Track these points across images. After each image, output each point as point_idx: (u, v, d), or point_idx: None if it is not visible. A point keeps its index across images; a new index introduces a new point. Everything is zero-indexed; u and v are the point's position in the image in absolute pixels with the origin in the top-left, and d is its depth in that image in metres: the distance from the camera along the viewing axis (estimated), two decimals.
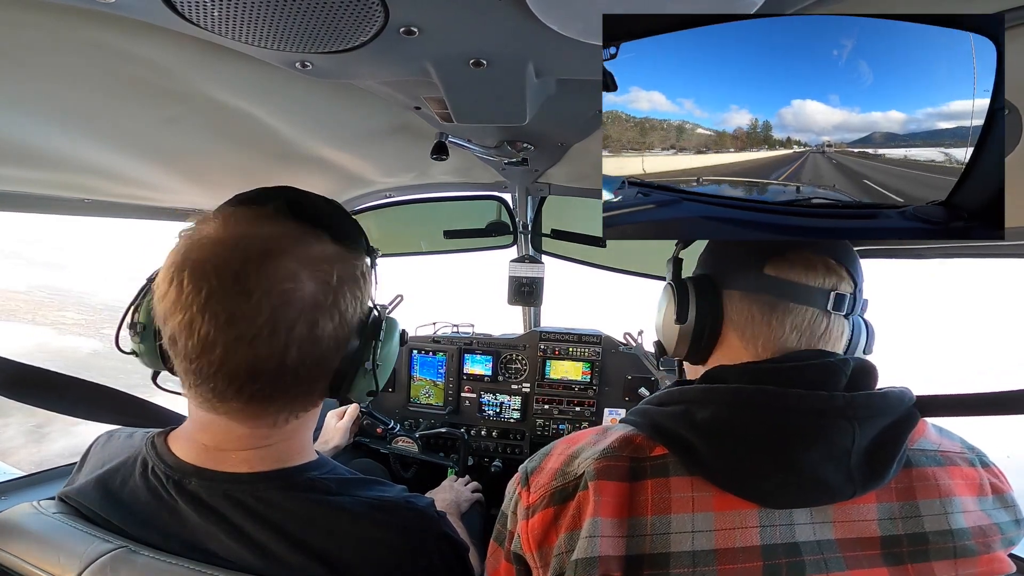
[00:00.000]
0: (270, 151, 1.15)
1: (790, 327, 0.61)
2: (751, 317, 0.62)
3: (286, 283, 0.54)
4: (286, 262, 0.55)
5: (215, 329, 0.53)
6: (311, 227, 0.59)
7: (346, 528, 0.61)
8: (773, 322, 0.61)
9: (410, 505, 0.67)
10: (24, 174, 1.01)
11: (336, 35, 0.59)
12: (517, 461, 1.91)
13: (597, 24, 0.48)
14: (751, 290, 0.62)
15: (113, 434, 0.73)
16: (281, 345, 0.54)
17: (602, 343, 1.89)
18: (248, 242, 0.55)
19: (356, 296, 0.62)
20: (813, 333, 0.61)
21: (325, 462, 0.69)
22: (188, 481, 0.61)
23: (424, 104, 0.90)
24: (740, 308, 0.64)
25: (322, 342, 0.58)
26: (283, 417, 0.62)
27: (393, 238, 2.02)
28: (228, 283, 0.52)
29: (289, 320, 0.54)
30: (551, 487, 0.58)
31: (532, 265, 1.82)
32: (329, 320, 0.58)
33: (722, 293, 0.66)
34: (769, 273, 0.61)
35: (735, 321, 0.64)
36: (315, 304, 0.56)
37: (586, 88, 0.82)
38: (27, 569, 0.59)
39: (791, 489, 0.54)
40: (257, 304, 0.53)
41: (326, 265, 0.58)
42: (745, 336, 0.63)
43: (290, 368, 0.56)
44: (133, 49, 0.69)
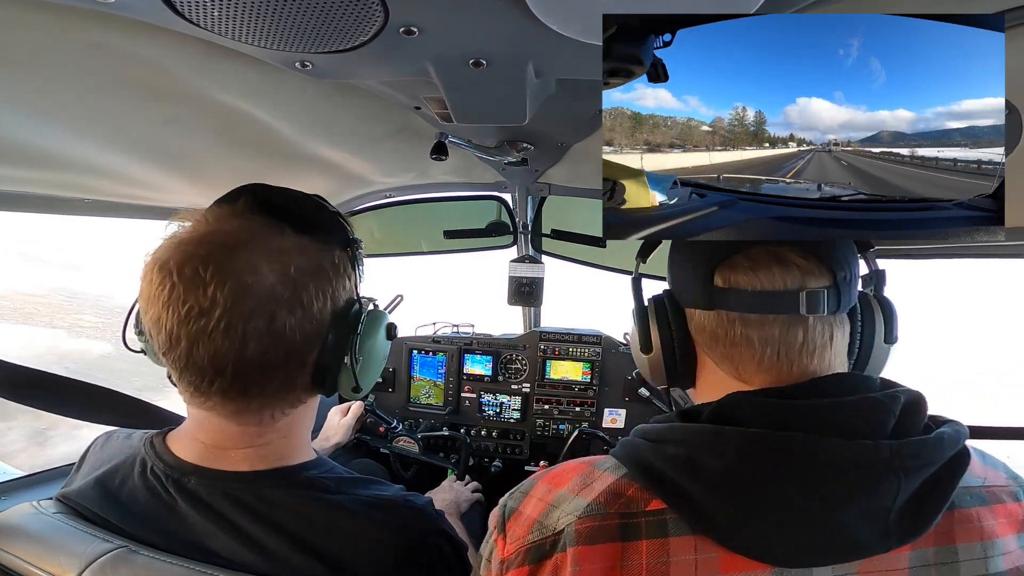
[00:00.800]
0: (270, 151, 1.15)
1: (760, 343, 0.52)
2: (715, 338, 0.55)
3: (243, 276, 0.54)
4: (245, 255, 0.55)
5: (177, 324, 0.54)
6: (277, 220, 0.59)
7: (345, 527, 0.61)
8: (739, 341, 0.53)
9: (408, 503, 0.67)
10: (24, 174, 1.01)
11: (336, 35, 0.59)
12: (517, 461, 1.92)
13: (597, 24, 0.48)
14: (705, 307, 0.55)
15: (111, 435, 0.73)
16: (238, 338, 0.54)
17: (602, 343, 1.89)
18: (211, 238, 0.55)
19: (324, 289, 0.60)
20: (790, 346, 0.52)
21: (324, 461, 0.69)
22: (187, 480, 0.61)
23: (424, 104, 0.90)
24: (702, 328, 0.56)
25: (282, 335, 0.56)
26: (268, 413, 0.61)
27: (393, 238, 2.02)
28: (188, 278, 0.53)
29: (244, 313, 0.54)
30: (527, 542, 0.51)
31: (532, 265, 1.82)
32: (289, 313, 0.56)
33: (684, 312, 0.58)
34: (718, 284, 0.54)
35: (704, 343, 0.57)
36: (272, 297, 0.55)
37: (586, 88, 0.82)
38: (27, 569, 0.59)
39: (815, 549, 0.46)
40: (213, 298, 0.53)
41: (285, 257, 0.57)
42: (721, 359, 0.56)
43: (252, 361, 0.55)
44: (133, 49, 0.69)
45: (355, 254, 0.66)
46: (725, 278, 0.53)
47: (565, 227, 1.79)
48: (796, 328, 0.52)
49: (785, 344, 0.52)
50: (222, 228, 0.56)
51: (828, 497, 0.45)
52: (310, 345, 0.60)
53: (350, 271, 0.65)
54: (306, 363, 0.61)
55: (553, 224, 1.83)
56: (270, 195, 0.61)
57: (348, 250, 0.65)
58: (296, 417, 0.66)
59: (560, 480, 0.54)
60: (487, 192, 1.77)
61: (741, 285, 0.53)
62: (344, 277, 0.64)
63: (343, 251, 0.64)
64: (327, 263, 0.61)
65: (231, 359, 0.54)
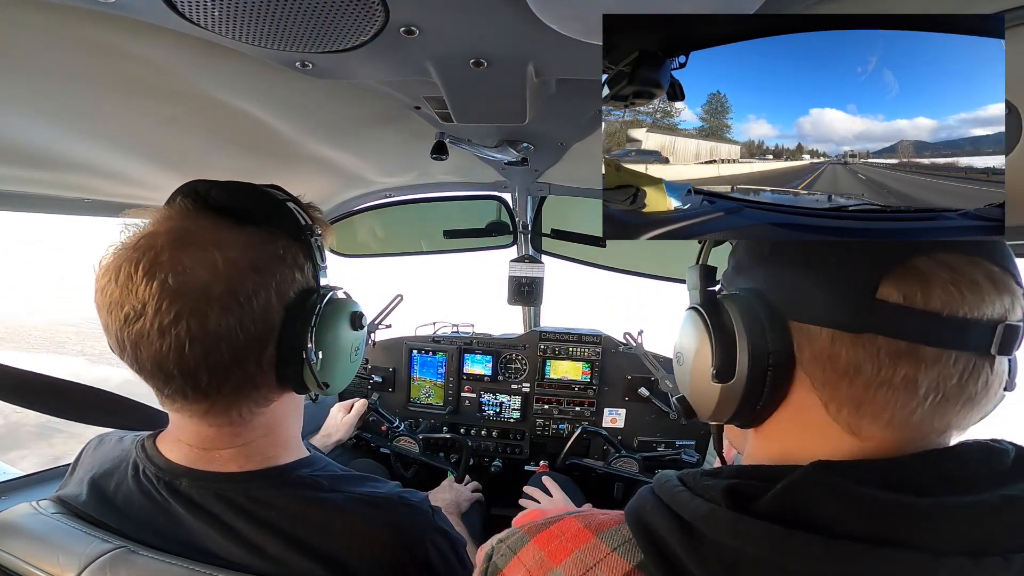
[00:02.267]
0: (270, 151, 1.15)
1: (926, 390, 0.37)
2: (849, 373, 0.39)
3: (171, 276, 0.52)
4: (174, 255, 0.53)
5: (119, 328, 0.54)
6: (215, 216, 0.57)
7: (339, 524, 0.60)
8: (895, 384, 0.37)
9: (403, 500, 0.66)
10: (24, 174, 1.01)
11: (336, 35, 0.59)
12: (517, 461, 1.92)
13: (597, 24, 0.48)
14: (849, 327, 0.38)
15: (104, 437, 0.73)
16: (174, 340, 0.53)
17: (602, 343, 1.89)
18: (146, 240, 0.54)
19: (267, 282, 0.57)
20: (957, 397, 0.37)
21: (318, 459, 0.69)
22: (179, 482, 0.61)
23: (424, 104, 0.90)
24: (826, 357, 0.39)
25: (222, 335, 0.54)
26: (236, 412, 0.60)
27: (393, 238, 2.02)
28: (122, 282, 0.53)
29: (175, 314, 0.52)
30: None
31: (532, 265, 1.82)
32: (224, 312, 0.54)
33: (790, 328, 0.41)
34: (887, 299, 0.37)
35: (817, 376, 0.40)
36: (204, 296, 0.53)
37: (586, 88, 0.82)
38: (26, 569, 0.59)
39: None
40: (144, 300, 0.52)
41: (218, 253, 0.54)
42: (841, 402, 0.40)
43: (196, 363, 0.54)
44: (133, 49, 0.69)
45: (310, 242, 0.62)
46: (902, 290, 0.37)
47: (565, 227, 1.79)
48: (979, 372, 0.37)
49: (955, 394, 0.37)
50: (157, 229, 0.55)
51: None
52: (261, 342, 0.58)
53: (302, 261, 0.61)
54: (262, 361, 0.58)
55: (553, 224, 1.83)
56: (209, 190, 0.59)
57: (301, 239, 0.62)
58: (273, 416, 0.64)
59: (556, 550, 0.44)
60: (487, 192, 1.77)
61: (930, 304, 0.36)
62: (294, 268, 0.60)
63: (293, 240, 0.61)
64: (270, 255, 0.58)
65: (173, 362, 0.53)
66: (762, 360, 0.42)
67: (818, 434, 0.41)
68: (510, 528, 0.51)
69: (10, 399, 0.78)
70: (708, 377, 0.44)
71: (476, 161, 1.38)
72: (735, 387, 0.43)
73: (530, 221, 1.81)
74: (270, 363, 0.59)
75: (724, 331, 0.44)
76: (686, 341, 0.50)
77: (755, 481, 0.39)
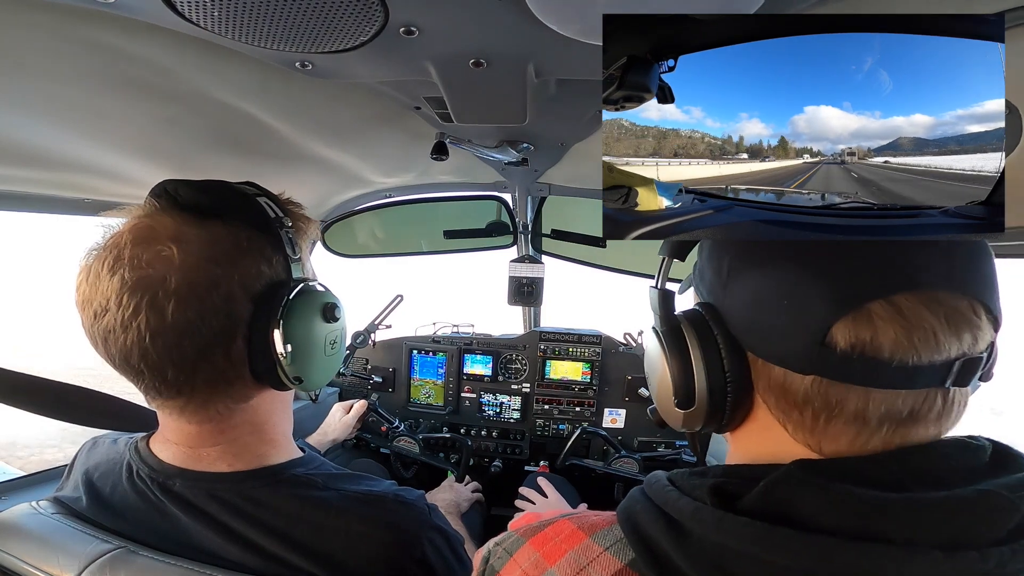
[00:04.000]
0: (270, 151, 1.15)
1: (878, 421, 0.38)
2: (800, 405, 0.40)
3: (130, 272, 0.53)
4: (134, 251, 0.54)
5: (89, 324, 0.55)
6: (178, 213, 0.58)
7: (333, 523, 0.60)
8: (846, 417, 0.38)
9: (399, 498, 0.66)
10: (24, 174, 1.01)
11: (336, 35, 0.59)
12: (517, 461, 1.92)
13: (597, 24, 0.48)
14: (797, 368, 0.39)
15: (98, 440, 0.73)
16: (136, 334, 0.53)
17: (602, 343, 1.89)
18: (114, 240, 0.56)
19: (229, 275, 0.56)
20: (911, 419, 0.38)
21: (312, 458, 0.69)
22: (172, 483, 0.61)
23: (424, 104, 0.90)
24: (781, 389, 0.41)
25: (184, 328, 0.54)
26: (214, 409, 0.60)
27: (393, 238, 2.02)
28: (91, 281, 0.55)
29: (134, 308, 0.53)
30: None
31: (532, 265, 1.82)
32: (183, 305, 0.53)
33: (747, 356, 0.42)
34: (837, 345, 0.37)
35: (774, 404, 0.42)
36: (162, 290, 0.53)
37: (586, 88, 0.82)
38: (26, 569, 0.59)
39: None
40: (107, 295, 0.53)
41: (174, 247, 0.54)
42: (795, 427, 0.41)
43: (161, 357, 0.54)
44: (133, 49, 0.69)
45: (279, 234, 0.61)
46: (851, 337, 0.36)
47: (565, 227, 1.80)
48: (933, 402, 0.38)
49: (909, 421, 0.38)
50: (124, 229, 0.56)
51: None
52: (227, 336, 0.57)
53: (269, 253, 0.60)
54: (231, 355, 0.58)
55: (553, 224, 1.83)
56: (178, 188, 0.59)
57: (269, 231, 0.61)
58: (255, 413, 0.64)
59: (551, 551, 0.44)
60: (487, 192, 1.78)
61: (880, 353, 0.36)
62: (259, 260, 0.59)
63: (260, 233, 0.60)
64: (230, 247, 0.58)
65: (137, 356, 0.54)
66: (720, 387, 0.43)
67: (788, 443, 0.42)
68: (506, 532, 0.51)
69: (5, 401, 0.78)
70: (671, 399, 0.46)
71: (476, 161, 1.38)
72: (697, 410, 0.45)
73: (530, 221, 1.81)
74: (240, 357, 0.58)
75: (682, 360, 0.45)
76: (649, 362, 0.51)
77: (739, 480, 0.40)
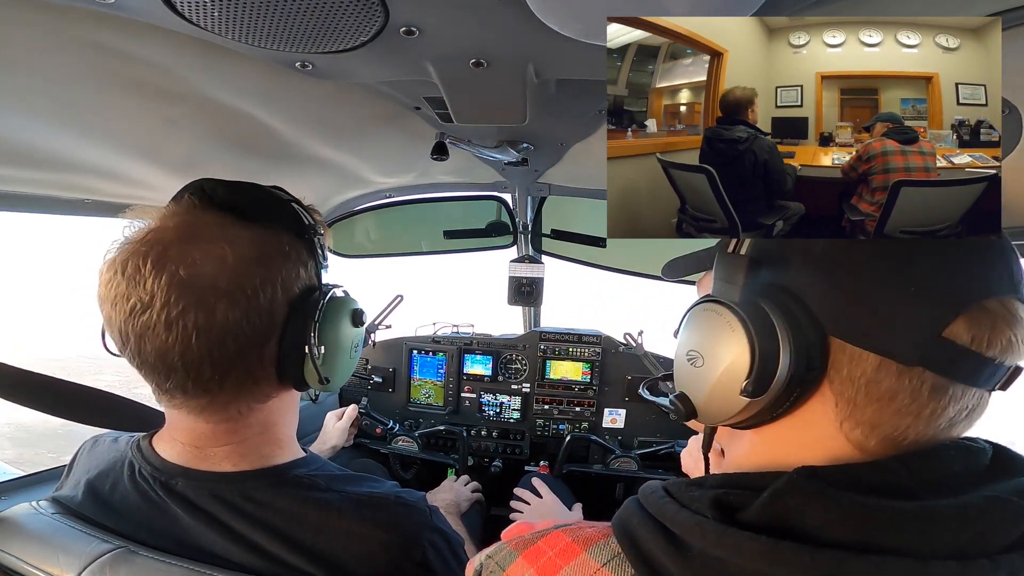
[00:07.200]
0: (270, 151, 1.16)
1: (946, 422, 0.37)
2: (882, 399, 0.37)
3: (180, 269, 0.53)
4: (183, 249, 0.54)
5: (123, 321, 0.54)
6: (221, 213, 0.58)
7: (334, 524, 0.60)
8: (921, 413, 0.37)
9: (400, 500, 0.66)
10: (24, 174, 1.01)
11: (336, 35, 0.59)
12: (517, 461, 1.92)
13: (597, 24, 0.48)
14: (903, 359, 0.36)
15: (99, 439, 0.73)
16: (181, 332, 0.53)
17: (602, 343, 1.89)
18: (153, 235, 0.55)
19: (272, 278, 0.58)
20: (967, 422, 0.39)
21: (314, 459, 0.69)
22: (175, 482, 0.61)
23: (424, 104, 0.90)
24: (865, 381, 0.38)
25: (228, 328, 0.55)
26: (235, 409, 0.61)
27: (393, 238, 2.02)
28: (130, 275, 0.54)
29: (183, 306, 0.53)
30: None
31: (532, 265, 1.82)
32: (232, 305, 0.55)
33: (830, 344, 0.38)
34: (955, 340, 0.35)
35: (844, 397, 0.38)
36: (212, 288, 0.54)
37: (586, 88, 0.82)
38: (26, 569, 0.59)
39: None
40: (152, 292, 0.53)
41: (226, 247, 0.55)
42: (857, 421, 0.38)
43: (200, 355, 0.55)
44: (133, 49, 0.69)
45: (313, 241, 0.64)
46: (972, 332, 0.35)
47: (565, 227, 1.80)
48: (983, 404, 0.39)
49: (963, 420, 0.38)
50: (165, 225, 0.56)
51: None
52: (264, 337, 0.59)
53: (305, 258, 0.63)
54: (263, 356, 0.60)
55: (553, 224, 1.83)
56: (215, 188, 0.60)
57: (304, 237, 0.63)
58: (270, 413, 0.65)
59: (546, 567, 0.42)
60: (487, 192, 1.78)
61: (990, 351, 0.36)
62: (298, 264, 0.62)
63: (297, 238, 0.62)
64: (274, 251, 0.60)
65: (178, 354, 0.54)
66: (800, 375, 0.39)
67: (817, 444, 0.40)
68: (498, 543, 0.49)
69: (6, 396, 0.78)
70: (734, 389, 0.40)
71: (476, 161, 1.38)
72: (764, 400, 0.40)
73: (530, 221, 1.81)
74: (271, 358, 0.60)
75: (769, 342, 0.38)
76: (710, 343, 0.42)
77: (740, 490, 0.38)
